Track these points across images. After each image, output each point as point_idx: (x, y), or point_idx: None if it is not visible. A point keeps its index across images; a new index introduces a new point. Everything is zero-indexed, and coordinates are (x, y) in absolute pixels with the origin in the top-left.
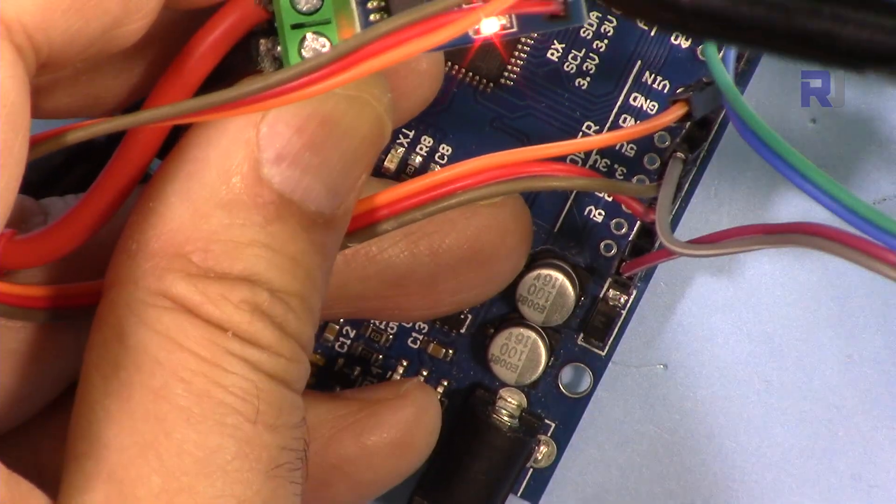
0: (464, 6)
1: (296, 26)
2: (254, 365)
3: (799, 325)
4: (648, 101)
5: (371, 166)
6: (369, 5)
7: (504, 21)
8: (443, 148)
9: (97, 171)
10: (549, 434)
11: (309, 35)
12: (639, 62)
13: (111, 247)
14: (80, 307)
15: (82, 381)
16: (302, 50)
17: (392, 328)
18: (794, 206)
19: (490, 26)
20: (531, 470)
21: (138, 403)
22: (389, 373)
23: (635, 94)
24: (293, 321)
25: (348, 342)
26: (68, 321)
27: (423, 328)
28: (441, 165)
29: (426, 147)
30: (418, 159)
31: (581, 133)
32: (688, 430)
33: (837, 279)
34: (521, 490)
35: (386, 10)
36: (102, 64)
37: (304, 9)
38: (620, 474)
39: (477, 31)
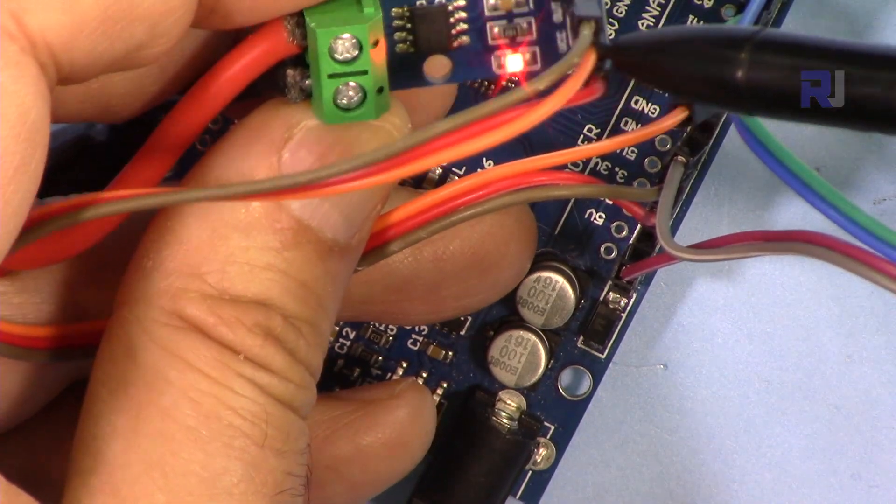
0: (518, 103)
1: (332, 76)
2: (263, 389)
3: (799, 325)
4: (650, 104)
5: (387, 198)
6: (396, 36)
7: (528, 57)
8: None
9: (99, 168)
10: (548, 437)
11: (342, 86)
12: None
13: (120, 251)
14: (81, 347)
15: (88, 396)
16: (336, 99)
17: (392, 330)
18: (795, 209)
19: (515, 64)
20: (530, 472)
21: (146, 421)
22: (389, 374)
23: (636, 98)
24: (304, 348)
25: (348, 343)
26: (70, 361)
27: (423, 330)
28: (442, 168)
29: None
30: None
31: (582, 136)
32: (688, 430)
33: (837, 279)
34: (520, 492)
35: (413, 43)
36: (117, 76)
37: (342, 58)
38: (620, 474)
39: (502, 68)
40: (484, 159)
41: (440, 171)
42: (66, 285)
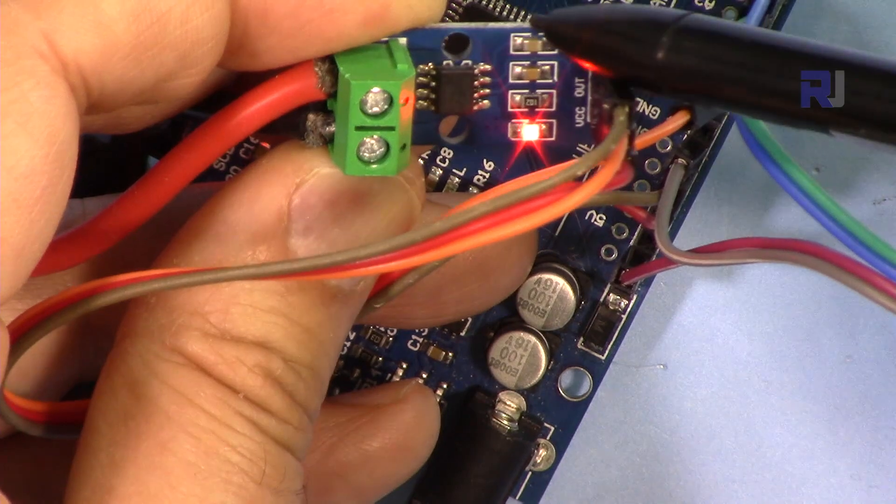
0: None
1: (360, 128)
2: (262, 429)
3: (799, 325)
4: (650, 106)
5: None
6: (418, 93)
7: (544, 128)
8: (444, 151)
9: (102, 169)
10: (548, 438)
11: (368, 138)
12: None
13: (125, 261)
14: (77, 423)
15: (87, 427)
16: (359, 151)
17: (392, 331)
18: (795, 212)
19: (531, 133)
20: (530, 473)
21: (145, 454)
22: (389, 375)
23: (637, 99)
24: (303, 391)
25: (348, 344)
26: (66, 437)
27: (423, 331)
28: (442, 169)
29: (428, 151)
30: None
31: None
32: (688, 430)
33: None
34: (520, 493)
35: (435, 102)
36: None
37: (372, 111)
38: (620, 475)
39: (518, 136)
40: (485, 160)
41: (440, 173)
42: None
